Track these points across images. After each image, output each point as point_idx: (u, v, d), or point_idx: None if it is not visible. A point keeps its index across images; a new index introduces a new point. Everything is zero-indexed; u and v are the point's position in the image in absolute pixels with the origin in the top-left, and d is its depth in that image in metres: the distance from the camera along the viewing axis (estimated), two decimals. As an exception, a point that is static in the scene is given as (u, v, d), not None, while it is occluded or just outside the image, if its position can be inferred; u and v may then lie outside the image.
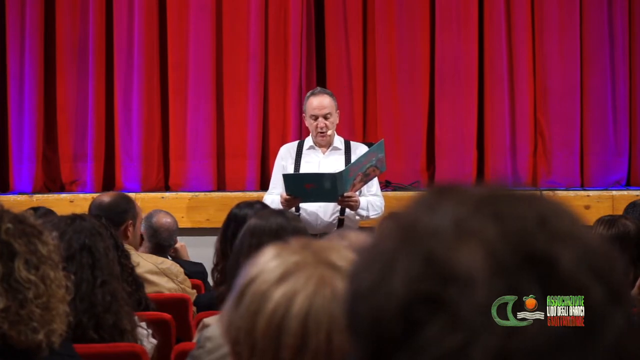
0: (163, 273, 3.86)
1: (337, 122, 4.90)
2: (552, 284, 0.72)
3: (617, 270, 0.75)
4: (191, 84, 6.60)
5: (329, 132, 4.81)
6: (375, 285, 0.74)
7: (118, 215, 3.81)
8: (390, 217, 3.87)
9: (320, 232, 4.60)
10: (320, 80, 6.58)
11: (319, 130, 4.78)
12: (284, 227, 2.73)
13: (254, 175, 6.57)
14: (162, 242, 4.48)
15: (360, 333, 0.75)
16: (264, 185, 6.48)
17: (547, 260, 0.72)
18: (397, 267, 0.73)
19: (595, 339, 0.71)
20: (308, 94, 4.94)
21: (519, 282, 0.71)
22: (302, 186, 4.53)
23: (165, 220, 4.53)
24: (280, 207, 4.48)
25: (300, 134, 6.27)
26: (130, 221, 3.86)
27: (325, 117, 4.78)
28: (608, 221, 3.36)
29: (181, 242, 4.88)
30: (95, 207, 3.89)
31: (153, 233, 4.46)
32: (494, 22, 6.56)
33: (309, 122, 4.84)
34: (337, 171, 4.52)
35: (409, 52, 6.60)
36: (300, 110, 6.44)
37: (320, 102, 4.78)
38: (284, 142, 5.69)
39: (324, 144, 4.85)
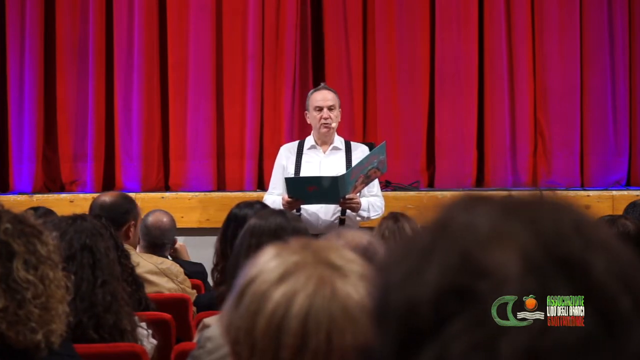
0: (163, 273, 3.86)
1: (340, 119, 4.89)
2: (583, 289, 0.73)
3: None
4: (191, 84, 6.60)
5: (333, 125, 4.80)
6: (410, 275, 0.76)
7: (120, 215, 3.79)
8: (391, 217, 3.88)
9: (321, 232, 4.60)
10: (320, 81, 6.57)
11: (324, 121, 4.77)
12: (283, 227, 2.73)
13: (254, 175, 6.57)
14: (154, 241, 4.41)
15: (390, 323, 0.76)
16: (262, 185, 6.49)
17: (581, 266, 0.73)
18: (433, 259, 0.75)
19: (622, 345, 0.72)
20: (311, 91, 4.94)
21: (550, 284, 0.73)
22: (303, 189, 4.54)
23: (158, 218, 4.50)
24: (281, 208, 4.48)
25: (292, 136, 6.26)
26: (133, 222, 3.84)
27: (330, 109, 4.78)
28: (608, 221, 3.35)
29: (181, 242, 4.87)
30: (97, 207, 3.85)
31: (146, 231, 4.42)
32: (494, 22, 6.56)
33: (312, 116, 4.82)
34: (338, 174, 4.53)
35: (409, 52, 6.60)
36: (297, 111, 6.44)
37: (324, 95, 4.80)
38: (283, 142, 5.68)
39: (327, 138, 4.84)
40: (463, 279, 0.73)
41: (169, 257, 4.45)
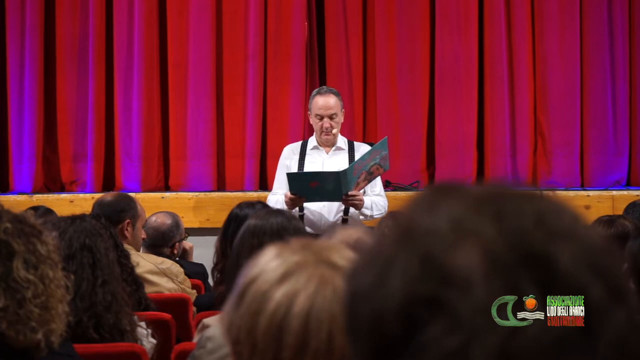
0: (163, 273, 3.86)
1: (342, 121, 4.91)
2: (551, 283, 0.71)
3: (618, 268, 0.74)
4: (191, 84, 6.60)
5: (334, 131, 4.82)
6: (373, 286, 0.74)
7: (116, 213, 3.87)
8: (390, 216, 3.88)
9: (324, 232, 4.60)
10: (320, 81, 6.58)
11: (324, 130, 4.79)
12: (285, 227, 2.72)
13: (254, 175, 6.57)
14: (154, 242, 4.44)
15: (360, 334, 0.74)
16: (263, 185, 6.49)
17: (545, 259, 0.71)
18: (395, 268, 0.73)
19: (596, 338, 0.71)
20: (314, 92, 4.93)
21: (517, 282, 0.71)
22: (306, 185, 4.53)
23: (157, 220, 4.52)
24: (285, 206, 4.48)
25: (304, 134, 6.27)
26: (128, 220, 3.89)
27: (331, 117, 4.78)
28: (607, 221, 3.36)
29: (189, 243, 4.86)
30: (97, 205, 3.96)
31: (147, 232, 4.44)
32: (494, 22, 6.56)
33: (313, 121, 4.85)
34: (341, 169, 4.52)
35: (409, 52, 6.60)
36: (301, 110, 6.45)
37: (325, 102, 4.78)
38: (283, 142, 5.68)
39: (328, 143, 4.85)
40: (427, 286, 0.71)
41: (177, 257, 4.45)
